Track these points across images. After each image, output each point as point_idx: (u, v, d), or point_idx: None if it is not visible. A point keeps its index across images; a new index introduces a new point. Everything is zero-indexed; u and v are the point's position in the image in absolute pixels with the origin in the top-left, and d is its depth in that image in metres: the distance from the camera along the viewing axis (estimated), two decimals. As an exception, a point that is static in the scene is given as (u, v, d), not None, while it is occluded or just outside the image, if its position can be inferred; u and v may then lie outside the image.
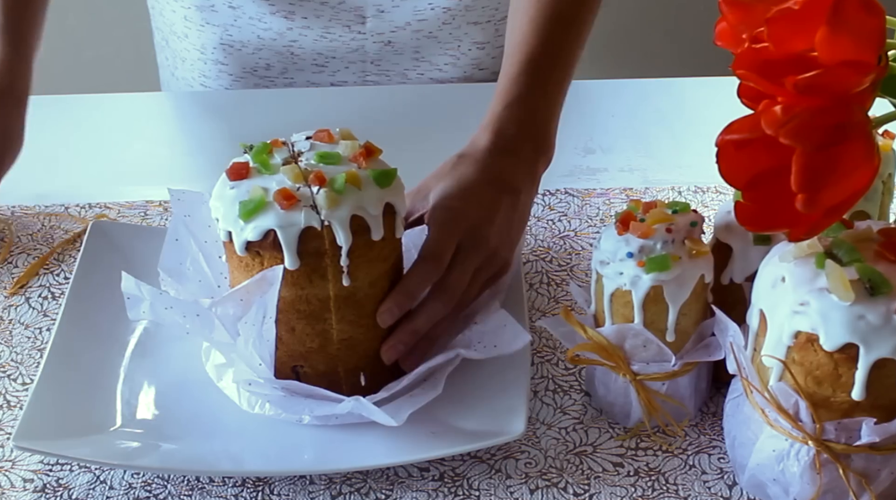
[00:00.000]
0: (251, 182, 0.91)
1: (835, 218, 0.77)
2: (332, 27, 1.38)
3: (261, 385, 0.93)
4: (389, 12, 1.37)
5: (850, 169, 0.74)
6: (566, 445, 0.96)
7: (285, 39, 1.39)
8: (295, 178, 0.90)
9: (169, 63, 1.52)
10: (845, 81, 0.73)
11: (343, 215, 0.89)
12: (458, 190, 1.00)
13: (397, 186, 0.93)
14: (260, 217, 0.89)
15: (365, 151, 0.93)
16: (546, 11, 1.09)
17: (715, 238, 0.97)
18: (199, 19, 1.41)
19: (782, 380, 0.84)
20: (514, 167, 1.03)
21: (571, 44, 1.10)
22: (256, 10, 1.37)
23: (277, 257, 0.89)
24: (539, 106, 1.06)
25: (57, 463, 0.94)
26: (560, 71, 1.09)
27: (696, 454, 0.95)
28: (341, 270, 0.90)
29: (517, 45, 1.09)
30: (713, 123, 0.81)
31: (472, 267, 0.97)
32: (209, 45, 1.42)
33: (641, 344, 0.93)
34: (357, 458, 0.92)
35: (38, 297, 1.11)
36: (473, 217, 0.98)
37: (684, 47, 2.36)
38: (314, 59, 1.41)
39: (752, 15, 0.77)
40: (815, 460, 0.85)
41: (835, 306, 0.80)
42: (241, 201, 0.89)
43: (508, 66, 1.08)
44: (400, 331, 0.95)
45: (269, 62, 1.42)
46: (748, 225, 0.81)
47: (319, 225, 0.88)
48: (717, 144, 0.78)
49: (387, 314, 0.94)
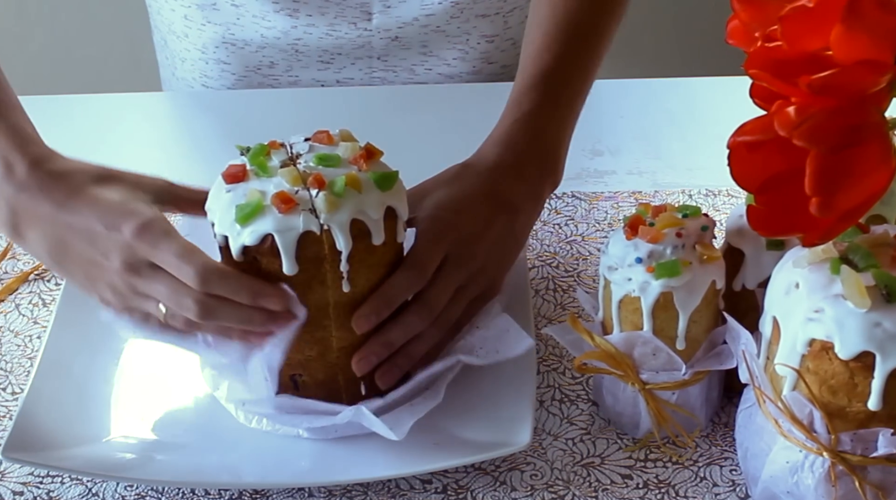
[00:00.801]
0: (248, 185, 0.90)
1: (850, 222, 0.77)
2: (338, 24, 1.38)
3: (256, 404, 0.93)
4: (396, 7, 1.37)
5: (866, 172, 0.74)
6: (573, 456, 0.95)
7: (289, 37, 1.39)
8: (293, 181, 0.89)
9: (169, 63, 1.52)
10: (861, 81, 0.73)
11: (343, 219, 0.88)
12: (454, 201, 0.98)
13: (399, 189, 0.93)
14: (257, 221, 0.88)
15: (365, 153, 0.92)
16: (563, 24, 1.08)
17: (726, 243, 0.97)
18: (201, 18, 1.40)
19: (796, 389, 0.84)
20: (517, 186, 1.02)
21: (588, 59, 1.09)
22: (260, 7, 1.37)
23: (275, 262, 0.88)
24: (549, 125, 1.05)
25: (48, 475, 0.94)
26: (573, 87, 1.08)
27: (707, 466, 0.94)
28: (341, 275, 0.90)
29: (530, 57, 1.08)
30: (725, 124, 0.81)
31: (455, 283, 0.96)
32: (210, 45, 1.42)
33: (651, 352, 0.92)
34: (358, 470, 0.92)
35: (28, 303, 1.10)
36: (464, 231, 0.97)
37: (695, 46, 2.36)
38: (319, 56, 1.41)
39: (766, 13, 0.76)
40: (830, 472, 0.84)
41: (850, 313, 0.80)
42: (238, 205, 0.89)
43: (521, 79, 1.07)
44: (372, 342, 0.93)
45: (272, 60, 1.42)
46: (761, 229, 0.81)
47: (319, 229, 0.88)
48: (728, 145, 0.78)
49: (362, 320, 0.92)
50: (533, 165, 1.03)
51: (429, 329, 0.95)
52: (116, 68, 2.37)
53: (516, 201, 1.01)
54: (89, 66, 2.42)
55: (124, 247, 0.89)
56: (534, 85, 1.06)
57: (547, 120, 1.05)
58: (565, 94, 1.07)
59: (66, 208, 0.91)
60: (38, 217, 0.92)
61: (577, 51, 1.08)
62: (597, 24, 1.10)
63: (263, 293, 0.88)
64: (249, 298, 0.88)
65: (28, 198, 0.92)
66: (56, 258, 0.93)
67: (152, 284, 0.89)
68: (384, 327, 0.93)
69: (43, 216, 0.92)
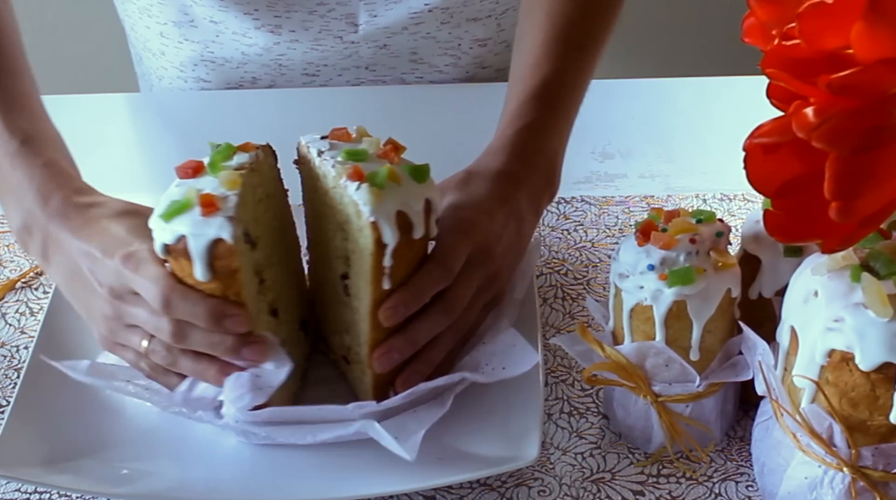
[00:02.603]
0: (193, 182, 0.90)
1: (871, 228, 0.77)
2: (323, 38, 1.38)
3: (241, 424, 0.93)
4: (383, 16, 1.37)
5: (887, 175, 0.74)
6: (582, 471, 0.95)
7: (272, 54, 1.39)
8: (228, 184, 0.89)
9: (145, 79, 1.52)
10: (883, 81, 0.73)
11: (389, 211, 0.88)
12: (472, 202, 1.00)
13: (431, 182, 0.93)
14: (177, 220, 0.88)
15: (393, 147, 0.93)
16: (561, 34, 1.10)
17: (742, 250, 0.97)
18: (178, 35, 1.40)
19: (815, 402, 0.84)
20: (523, 195, 1.03)
21: (585, 70, 1.11)
22: (240, 25, 1.36)
23: (189, 266, 0.88)
24: (550, 137, 1.07)
25: (35, 491, 0.94)
26: (571, 98, 1.10)
27: (722, 482, 0.94)
28: (383, 271, 0.90)
29: (530, 68, 1.09)
30: (740, 125, 0.81)
31: (475, 283, 0.96)
32: (189, 63, 1.42)
33: (663, 363, 0.92)
34: (358, 485, 0.92)
35: (14, 312, 1.10)
36: (485, 232, 0.98)
37: (709, 44, 2.36)
38: (304, 69, 1.41)
39: (783, 10, 0.77)
40: (850, 488, 0.84)
41: (871, 322, 0.80)
42: (171, 201, 0.89)
43: (521, 89, 1.08)
44: (397, 337, 0.93)
45: (255, 75, 1.42)
46: (778, 235, 0.81)
47: (231, 238, 0.87)
48: (744, 148, 0.78)
49: (390, 312, 0.92)
50: (536, 175, 1.05)
51: (447, 332, 0.95)
52: (97, 68, 2.37)
53: (522, 211, 1.03)
54: (68, 65, 2.43)
55: (112, 273, 0.92)
56: (536, 96, 1.07)
57: (548, 132, 1.07)
58: (564, 105, 1.09)
59: (78, 236, 0.95)
60: (58, 243, 0.97)
61: (576, 61, 1.11)
62: (593, 33, 1.13)
63: (226, 313, 0.89)
64: (208, 320, 0.89)
65: (55, 226, 0.97)
66: (68, 285, 0.98)
67: (134, 309, 0.92)
68: (407, 325, 0.94)
69: (60, 243, 0.96)
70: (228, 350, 0.89)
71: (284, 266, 0.98)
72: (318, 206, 0.96)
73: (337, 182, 0.91)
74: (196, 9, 1.37)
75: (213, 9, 1.36)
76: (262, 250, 0.93)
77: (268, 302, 0.94)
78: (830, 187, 0.73)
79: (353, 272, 0.93)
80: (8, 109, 1.01)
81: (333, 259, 0.95)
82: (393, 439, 0.89)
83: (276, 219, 0.96)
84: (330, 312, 0.99)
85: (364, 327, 0.93)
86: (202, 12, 1.37)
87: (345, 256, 0.93)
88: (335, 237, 0.94)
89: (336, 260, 0.95)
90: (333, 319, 0.99)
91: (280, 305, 0.96)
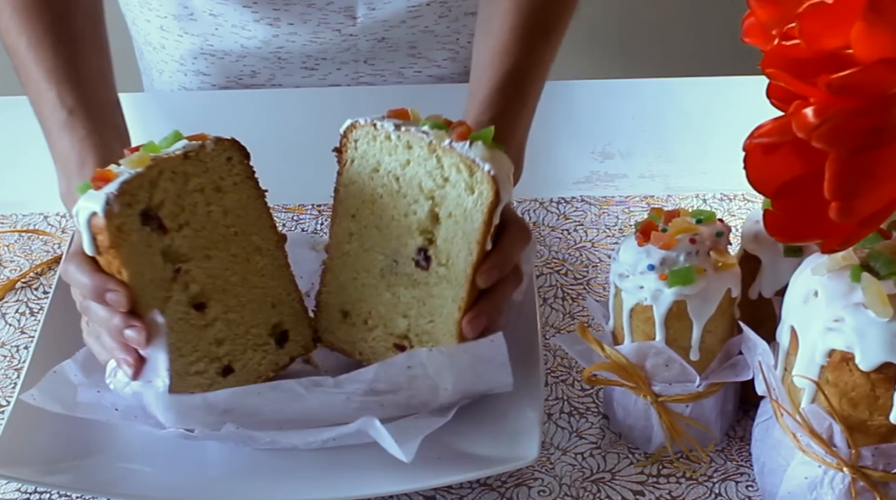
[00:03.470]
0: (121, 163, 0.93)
1: (871, 228, 0.77)
2: (321, 31, 1.38)
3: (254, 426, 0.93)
4: (381, 9, 1.38)
5: (887, 175, 0.74)
6: (582, 471, 0.96)
7: (271, 46, 1.40)
8: (133, 163, 0.91)
9: (147, 73, 1.52)
10: (883, 81, 0.73)
11: (501, 167, 0.91)
12: None
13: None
14: (83, 195, 0.91)
15: (460, 122, 0.95)
16: (528, 20, 1.11)
17: (742, 250, 0.97)
18: (177, 29, 1.41)
19: (815, 402, 0.84)
20: None
21: (549, 57, 1.13)
22: (239, 17, 1.37)
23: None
24: (519, 124, 1.08)
25: (35, 491, 0.95)
26: (536, 86, 1.11)
27: (722, 482, 0.95)
28: (488, 230, 0.91)
29: (498, 54, 1.10)
30: (740, 125, 0.81)
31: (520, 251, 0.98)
32: (188, 56, 1.42)
33: (663, 363, 0.93)
34: (358, 485, 0.92)
35: (14, 312, 1.11)
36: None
37: (709, 44, 2.36)
38: (303, 63, 1.42)
39: (783, 10, 0.77)
40: (850, 488, 0.85)
41: (871, 322, 0.80)
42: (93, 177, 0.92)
43: (490, 77, 1.09)
44: (485, 301, 0.95)
45: (254, 69, 1.42)
46: (778, 235, 0.81)
47: (102, 213, 0.88)
48: (744, 148, 0.78)
49: (486, 275, 0.94)
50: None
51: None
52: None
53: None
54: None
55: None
56: (505, 84, 1.08)
57: (518, 119, 1.08)
58: (530, 94, 1.10)
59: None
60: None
61: (542, 49, 1.12)
62: (557, 20, 1.13)
63: (106, 288, 0.91)
64: (91, 292, 0.91)
65: None
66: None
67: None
68: (491, 290, 0.95)
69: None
70: (113, 329, 0.91)
71: (236, 265, 0.97)
72: (372, 189, 0.96)
73: (438, 145, 0.92)
74: (195, 2, 1.38)
75: (212, 2, 1.37)
76: (184, 239, 0.93)
77: (189, 294, 0.94)
78: (830, 187, 0.73)
79: (443, 239, 0.93)
80: (62, 79, 1.05)
81: (398, 239, 0.96)
82: (392, 439, 0.90)
83: (226, 215, 0.96)
84: (367, 307, 0.99)
85: (451, 295, 0.94)
86: (201, 5, 1.38)
87: (423, 229, 0.94)
88: (408, 213, 0.94)
89: (404, 238, 0.95)
90: (374, 311, 0.98)
91: (214, 301, 0.95)
